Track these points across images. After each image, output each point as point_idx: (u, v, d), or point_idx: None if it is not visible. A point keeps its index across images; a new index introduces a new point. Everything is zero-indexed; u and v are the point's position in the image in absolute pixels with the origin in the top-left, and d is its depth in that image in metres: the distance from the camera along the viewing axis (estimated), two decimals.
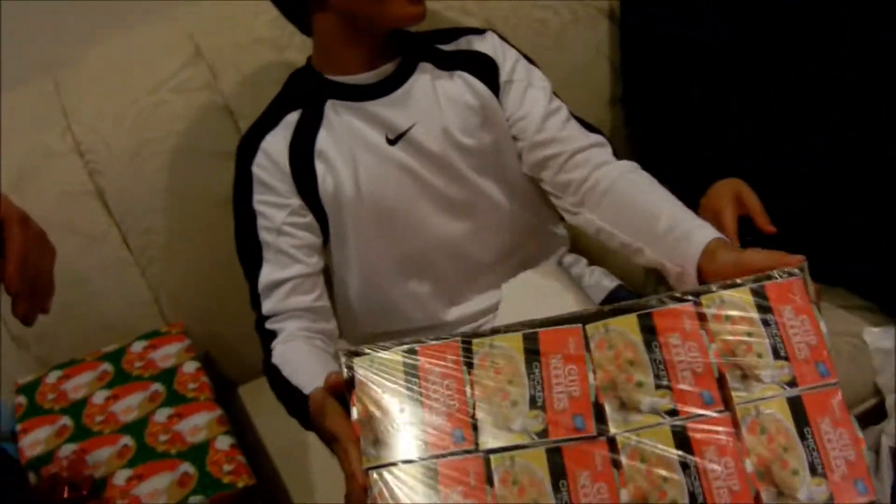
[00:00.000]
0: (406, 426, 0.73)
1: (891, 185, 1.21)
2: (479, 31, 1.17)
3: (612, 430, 0.72)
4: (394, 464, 0.72)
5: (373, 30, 1.08)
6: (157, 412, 1.14)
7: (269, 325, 1.04)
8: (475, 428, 0.73)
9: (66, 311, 1.22)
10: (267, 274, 1.06)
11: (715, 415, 0.72)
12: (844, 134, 1.27)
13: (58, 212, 1.21)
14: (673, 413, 0.72)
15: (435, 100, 1.11)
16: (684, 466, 0.70)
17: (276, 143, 1.09)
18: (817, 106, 1.28)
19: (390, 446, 0.72)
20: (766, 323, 0.75)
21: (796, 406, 0.72)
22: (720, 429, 0.72)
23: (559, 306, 0.86)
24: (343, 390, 0.76)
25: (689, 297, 0.77)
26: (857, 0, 1.28)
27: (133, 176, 1.24)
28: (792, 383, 0.73)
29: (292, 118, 1.10)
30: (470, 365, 0.75)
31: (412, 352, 0.75)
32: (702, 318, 0.75)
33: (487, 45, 1.15)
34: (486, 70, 1.13)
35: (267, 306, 1.05)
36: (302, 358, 0.99)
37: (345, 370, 0.76)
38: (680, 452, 0.70)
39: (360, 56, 1.10)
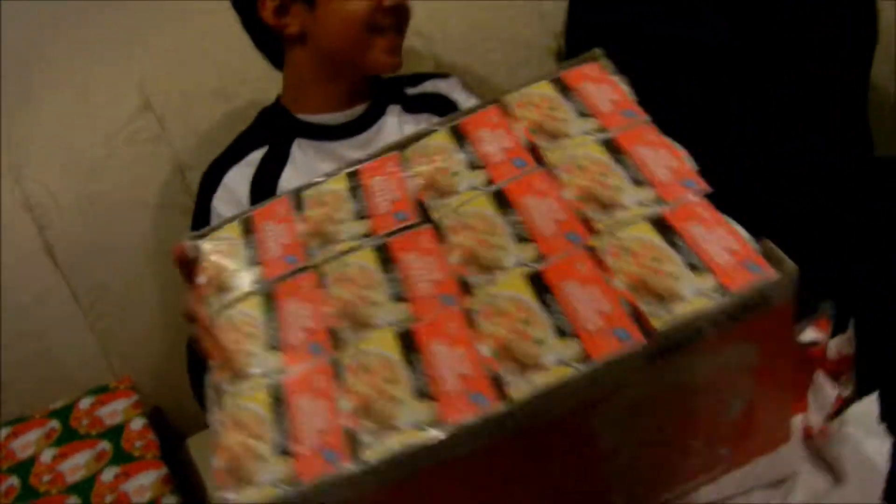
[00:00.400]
0: (246, 270, 0.74)
1: (891, 186, 1.24)
2: (444, 76, 1.26)
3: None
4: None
5: (349, 73, 1.14)
6: (104, 471, 1.17)
7: None
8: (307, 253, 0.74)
9: (22, 364, 1.26)
10: None
11: (533, 173, 0.72)
12: (844, 134, 1.31)
13: (10, 266, 1.26)
14: (489, 184, 0.72)
15: None
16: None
17: (239, 180, 1.12)
18: (817, 106, 1.33)
19: (233, 287, 0.74)
20: (567, 97, 0.77)
21: (614, 150, 0.72)
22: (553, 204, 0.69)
23: None
24: (189, 264, 0.78)
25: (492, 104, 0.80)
26: (856, 0, 1.35)
27: (81, 230, 1.28)
28: (601, 130, 0.74)
29: (257, 155, 1.14)
30: (300, 207, 0.77)
31: (247, 219, 0.78)
32: (506, 112, 0.78)
33: (453, 89, 1.22)
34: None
35: None
36: None
37: (189, 251, 0.78)
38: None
39: (332, 95, 1.15)
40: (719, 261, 0.63)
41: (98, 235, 1.28)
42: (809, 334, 1.09)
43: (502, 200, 0.71)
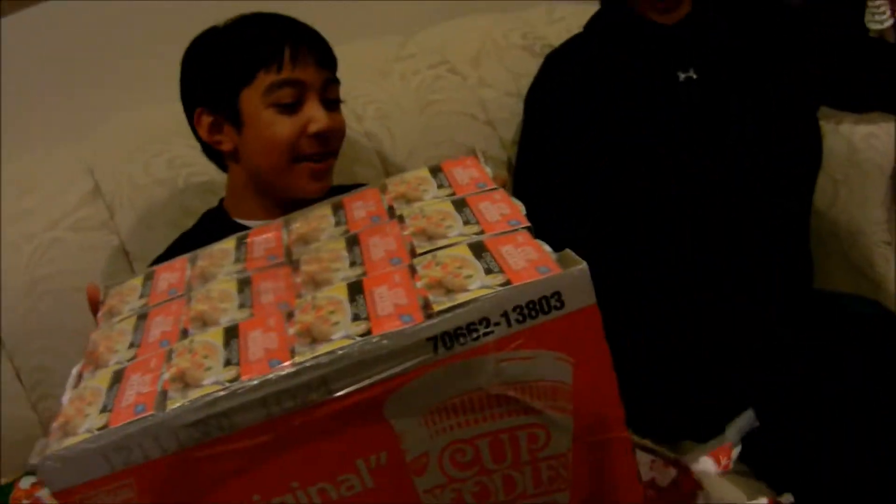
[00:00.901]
0: (134, 302, 0.86)
1: (833, 320, 1.28)
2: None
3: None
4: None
5: (277, 192, 1.21)
6: None
7: None
8: (188, 287, 0.85)
9: None
10: None
11: (385, 223, 0.84)
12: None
13: None
14: (347, 232, 0.84)
15: None
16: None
17: None
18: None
19: (121, 313, 0.85)
20: (435, 177, 0.90)
21: (459, 204, 0.84)
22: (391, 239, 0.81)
23: None
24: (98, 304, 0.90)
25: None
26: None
27: (26, 312, 1.30)
28: (452, 195, 0.86)
29: None
30: (194, 261, 0.90)
31: (150, 272, 0.92)
32: (382, 190, 0.91)
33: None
34: None
35: None
36: None
37: (101, 295, 0.91)
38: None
39: (267, 205, 1.21)
40: (515, 266, 0.72)
41: (43, 318, 1.30)
42: (703, 464, 1.08)
43: (352, 241, 0.83)
